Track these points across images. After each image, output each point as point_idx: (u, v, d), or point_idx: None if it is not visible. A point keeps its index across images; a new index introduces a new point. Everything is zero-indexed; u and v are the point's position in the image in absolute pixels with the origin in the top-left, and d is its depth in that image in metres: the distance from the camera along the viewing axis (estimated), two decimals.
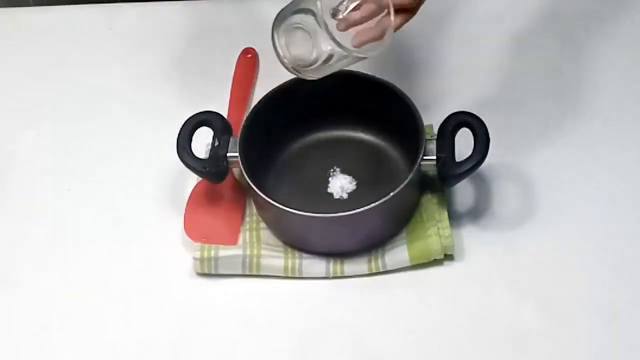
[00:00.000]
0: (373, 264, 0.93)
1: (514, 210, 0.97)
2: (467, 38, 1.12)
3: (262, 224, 0.98)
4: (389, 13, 0.86)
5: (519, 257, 0.93)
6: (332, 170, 1.00)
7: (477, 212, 0.97)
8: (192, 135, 0.96)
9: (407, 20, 0.89)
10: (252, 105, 1.00)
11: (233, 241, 0.96)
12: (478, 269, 0.93)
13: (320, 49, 0.85)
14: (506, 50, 1.12)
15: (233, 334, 0.91)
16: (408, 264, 0.93)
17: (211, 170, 0.95)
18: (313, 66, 0.87)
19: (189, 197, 1.00)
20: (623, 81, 1.07)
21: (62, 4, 1.24)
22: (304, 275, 0.94)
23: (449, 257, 0.93)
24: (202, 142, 0.99)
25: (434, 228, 0.93)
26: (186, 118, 0.97)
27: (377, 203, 0.89)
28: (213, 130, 0.97)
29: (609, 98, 1.06)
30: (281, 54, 0.88)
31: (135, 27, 1.20)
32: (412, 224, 0.95)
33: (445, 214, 0.94)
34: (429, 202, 0.96)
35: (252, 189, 0.93)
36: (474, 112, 0.94)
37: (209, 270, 0.94)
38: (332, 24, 0.85)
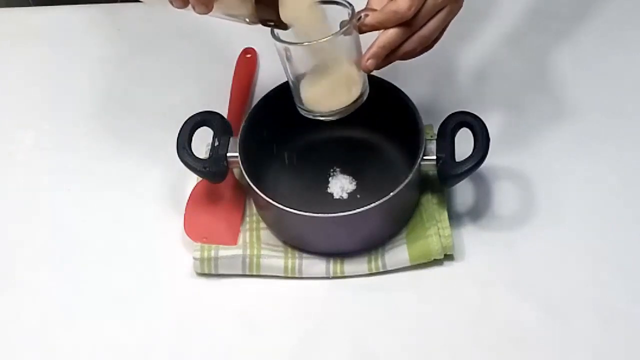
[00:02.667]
0: (373, 264, 0.93)
1: (514, 210, 0.97)
2: (467, 38, 1.12)
3: (262, 224, 0.98)
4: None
5: (519, 257, 0.93)
6: (332, 170, 1.00)
7: (477, 212, 0.97)
8: (192, 135, 0.96)
9: (402, 37, 0.88)
10: (252, 105, 1.01)
11: (233, 241, 0.96)
12: (478, 269, 0.93)
13: None
14: (506, 50, 1.12)
15: (233, 334, 0.91)
16: (408, 264, 0.93)
17: (211, 170, 0.95)
18: None
19: (189, 197, 0.99)
20: (625, 81, 1.07)
21: (62, 4, 1.24)
22: (304, 275, 0.94)
23: (449, 257, 0.93)
24: (202, 142, 0.99)
25: (434, 228, 0.93)
26: (186, 118, 0.97)
27: (377, 203, 0.89)
28: (213, 130, 0.97)
29: (610, 98, 1.06)
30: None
31: (135, 27, 1.20)
32: (412, 224, 0.95)
33: (445, 214, 0.94)
34: (429, 202, 0.96)
35: (252, 189, 0.93)
36: (474, 112, 0.94)
37: (209, 270, 0.94)
38: None
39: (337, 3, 0.87)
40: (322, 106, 0.91)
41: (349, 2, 0.87)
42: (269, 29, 0.86)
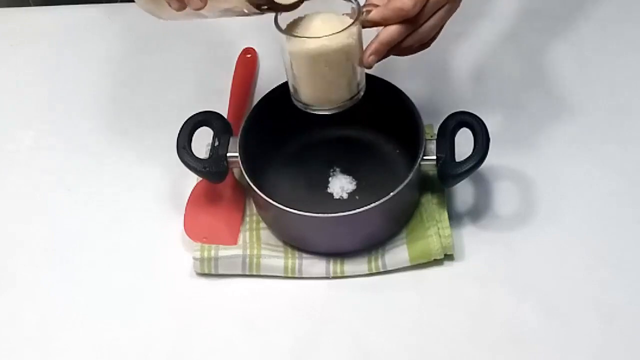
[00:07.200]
0: (373, 264, 0.93)
1: (514, 210, 0.97)
2: (466, 37, 1.12)
3: (262, 224, 0.98)
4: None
5: (519, 257, 0.93)
6: (332, 170, 1.00)
7: (477, 212, 0.97)
8: (192, 135, 0.96)
9: (404, 33, 0.88)
10: (252, 105, 1.01)
11: (233, 241, 0.96)
12: (478, 269, 0.93)
13: None
14: (506, 50, 1.12)
15: (233, 334, 0.91)
16: (408, 264, 0.93)
17: (211, 170, 0.95)
18: None
19: (189, 197, 1.00)
20: (625, 80, 1.07)
21: (62, 4, 1.24)
22: (304, 275, 0.94)
23: (449, 257, 0.93)
24: (202, 142, 0.99)
25: (434, 228, 0.93)
26: (186, 118, 0.97)
27: (377, 203, 0.89)
28: (213, 130, 0.97)
29: (609, 97, 1.06)
30: None
31: (135, 27, 1.20)
32: (412, 224, 0.95)
33: (445, 214, 0.94)
34: (429, 202, 0.96)
35: (252, 189, 0.93)
36: (474, 112, 0.94)
37: (209, 270, 0.94)
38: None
39: None
40: (321, 100, 0.91)
41: None
42: (273, 27, 0.85)
